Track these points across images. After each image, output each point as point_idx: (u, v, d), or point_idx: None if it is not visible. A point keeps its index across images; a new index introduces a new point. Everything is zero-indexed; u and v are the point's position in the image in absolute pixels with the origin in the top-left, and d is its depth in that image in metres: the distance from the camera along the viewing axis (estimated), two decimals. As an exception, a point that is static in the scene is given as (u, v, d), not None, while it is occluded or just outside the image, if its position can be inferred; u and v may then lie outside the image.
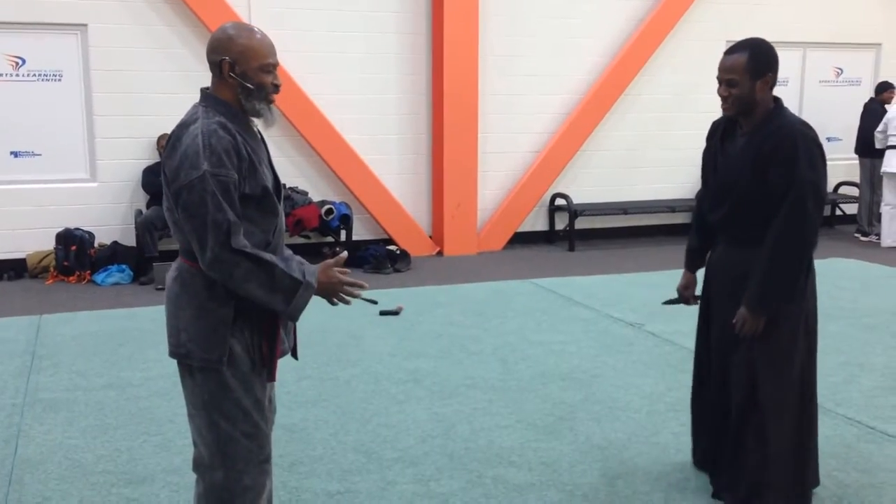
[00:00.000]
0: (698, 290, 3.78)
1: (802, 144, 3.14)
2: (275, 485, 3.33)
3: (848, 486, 3.71)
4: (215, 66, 2.60)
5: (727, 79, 3.22)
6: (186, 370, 2.66)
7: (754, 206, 3.26)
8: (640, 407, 4.66)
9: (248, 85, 2.58)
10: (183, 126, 2.55)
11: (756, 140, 3.23)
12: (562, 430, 4.33)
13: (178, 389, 4.86)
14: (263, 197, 2.59)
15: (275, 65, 2.64)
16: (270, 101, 2.65)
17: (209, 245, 2.44)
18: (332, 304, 2.68)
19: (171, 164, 2.51)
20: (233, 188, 2.48)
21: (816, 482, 3.55)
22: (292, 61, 8.72)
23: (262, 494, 2.76)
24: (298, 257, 2.70)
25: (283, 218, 2.76)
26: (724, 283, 3.47)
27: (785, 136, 3.16)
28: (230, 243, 2.44)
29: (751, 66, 3.17)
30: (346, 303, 2.66)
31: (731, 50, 3.24)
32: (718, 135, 3.49)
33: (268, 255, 2.52)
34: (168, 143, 2.57)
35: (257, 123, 2.71)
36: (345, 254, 2.71)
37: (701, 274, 3.75)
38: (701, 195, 3.69)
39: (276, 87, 2.65)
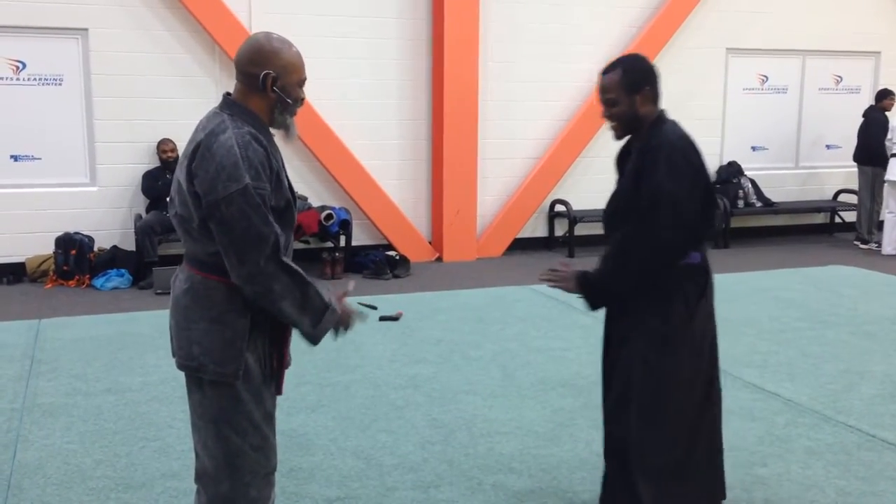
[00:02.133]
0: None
1: (665, 153, 2.95)
2: (274, 491, 3.31)
3: (849, 494, 3.70)
4: (254, 77, 2.56)
5: (606, 99, 3.08)
6: (195, 382, 2.62)
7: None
8: (639, 414, 4.65)
9: (288, 99, 2.58)
10: (212, 135, 2.49)
11: (636, 158, 3.06)
12: (562, 437, 4.33)
13: (177, 394, 4.88)
14: (286, 209, 2.59)
15: (305, 79, 2.66)
16: (294, 114, 2.66)
17: (250, 258, 2.42)
18: (336, 333, 2.67)
19: (204, 175, 2.44)
20: (267, 201, 2.47)
21: None
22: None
23: None
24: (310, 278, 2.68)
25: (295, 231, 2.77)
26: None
27: (653, 147, 2.99)
28: (278, 256, 2.45)
29: (626, 81, 3.04)
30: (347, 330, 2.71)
31: (605, 70, 3.11)
32: (619, 160, 3.29)
33: (304, 274, 2.52)
34: (195, 151, 2.49)
35: (277, 134, 2.69)
36: (352, 284, 2.70)
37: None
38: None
39: (303, 101, 2.67)
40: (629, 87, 3.04)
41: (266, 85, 2.55)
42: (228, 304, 2.53)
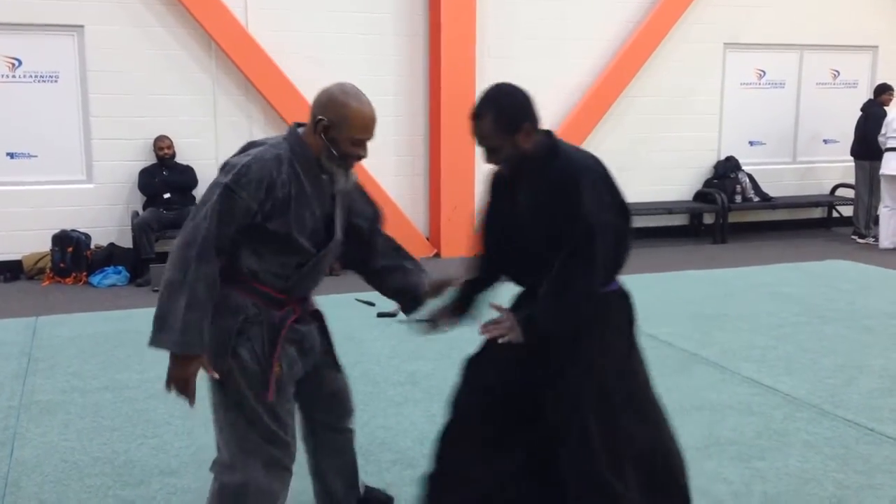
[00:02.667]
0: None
1: (585, 178, 2.73)
2: (286, 491, 3.27)
3: (847, 488, 3.70)
4: (313, 119, 2.70)
5: (485, 146, 2.79)
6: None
7: (543, 254, 2.79)
8: (638, 409, 4.64)
9: (334, 151, 2.70)
10: (256, 144, 2.80)
11: (536, 190, 2.78)
12: (560, 432, 4.31)
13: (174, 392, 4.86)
14: (285, 240, 2.69)
15: (364, 140, 2.75)
16: (349, 167, 2.78)
17: (181, 235, 2.60)
18: (167, 383, 2.67)
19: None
20: (239, 212, 2.59)
21: None
22: (290, 64, 8.72)
23: (276, 502, 2.78)
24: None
25: (320, 264, 2.83)
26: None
27: (565, 176, 2.73)
28: (194, 253, 2.54)
29: (501, 125, 2.73)
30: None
31: (476, 114, 2.79)
32: (499, 189, 2.98)
33: (194, 290, 2.54)
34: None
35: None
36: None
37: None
38: (482, 260, 3.18)
39: (360, 158, 2.76)
40: (506, 129, 2.74)
41: (317, 129, 2.68)
42: (221, 306, 2.66)
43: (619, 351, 2.93)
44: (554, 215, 2.72)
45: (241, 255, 2.71)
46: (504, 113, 2.75)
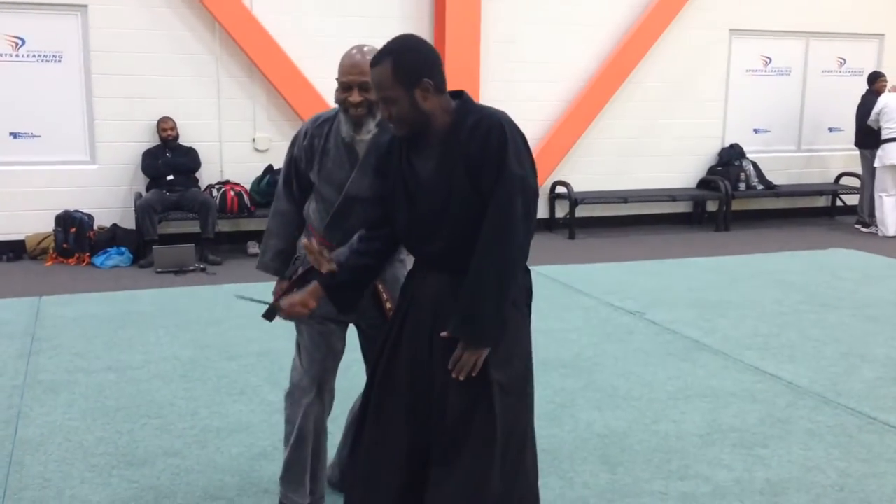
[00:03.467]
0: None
1: (510, 136, 2.51)
2: (279, 477, 3.25)
3: (850, 476, 3.71)
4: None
5: (381, 97, 2.54)
6: None
7: (476, 226, 2.50)
8: (640, 395, 4.65)
9: (338, 99, 2.95)
10: None
11: (454, 149, 2.54)
12: (562, 418, 4.32)
13: (178, 373, 4.88)
14: (317, 188, 3.09)
15: (349, 83, 2.87)
16: (351, 115, 2.91)
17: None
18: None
19: None
20: (292, 161, 3.13)
21: None
22: (293, 45, 8.69)
23: (300, 413, 3.13)
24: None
25: (341, 212, 3.04)
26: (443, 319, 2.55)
27: (490, 129, 2.50)
28: (280, 191, 3.20)
29: (399, 78, 2.49)
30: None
31: (373, 61, 2.54)
32: (399, 155, 2.66)
33: (269, 223, 3.24)
34: None
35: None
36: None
37: None
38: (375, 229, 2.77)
39: (350, 105, 2.89)
40: (405, 83, 2.50)
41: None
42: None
43: (520, 328, 2.72)
44: (471, 173, 2.50)
45: (305, 203, 3.15)
46: (403, 64, 2.50)
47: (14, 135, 8.30)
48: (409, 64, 2.51)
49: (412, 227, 2.63)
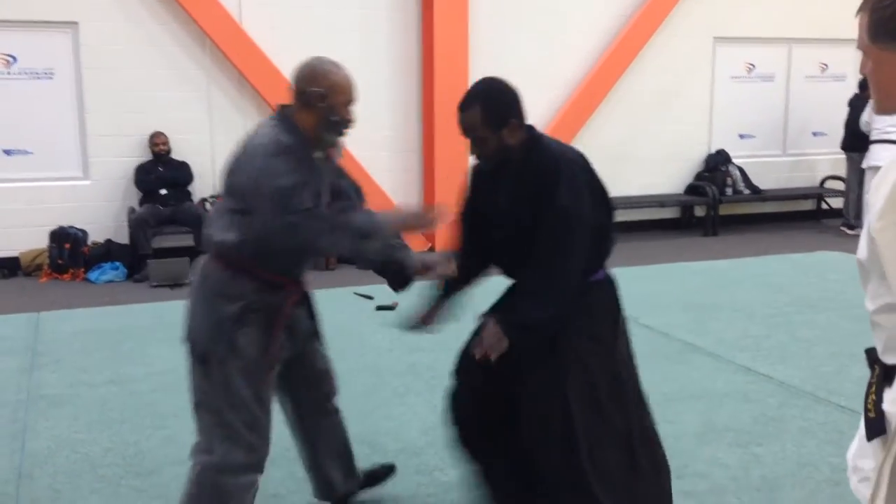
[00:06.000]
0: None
1: (565, 170, 2.81)
2: (282, 475, 3.37)
3: (842, 471, 3.74)
4: (303, 94, 2.78)
5: (472, 138, 2.83)
6: (196, 358, 2.82)
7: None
8: (636, 397, 4.73)
9: (333, 118, 2.80)
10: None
11: (518, 182, 2.86)
12: (561, 421, 4.40)
13: (180, 385, 4.88)
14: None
15: (352, 100, 2.87)
16: (342, 134, 2.87)
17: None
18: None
19: None
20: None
21: None
22: (283, 59, 8.74)
23: (250, 490, 2.86)
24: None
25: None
26: None
27: (545, 164, 2.81)
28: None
29: (489, 119, 2.77)
30: None
31: (464, 105, 2.82)
32: (480, 184, 3.05)
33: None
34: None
35: (325, 153, 2.94)
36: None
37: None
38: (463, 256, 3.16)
39: (353, 121, 2.89)
40: (494, 124, 2.78)
41: (312, 100, 2.76)
42: (222, 289, 2.80)
43: (605, 339, 2.96)
44: (533, 205, 2.78)
45: (245, 238, 2.78)
46: (492, 107, 2.79)
47: (7, 152, 8.33)
48: (496, 107, 2.80)
49: (497, 249, 3.00)
